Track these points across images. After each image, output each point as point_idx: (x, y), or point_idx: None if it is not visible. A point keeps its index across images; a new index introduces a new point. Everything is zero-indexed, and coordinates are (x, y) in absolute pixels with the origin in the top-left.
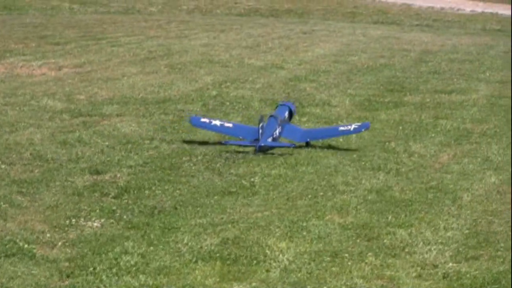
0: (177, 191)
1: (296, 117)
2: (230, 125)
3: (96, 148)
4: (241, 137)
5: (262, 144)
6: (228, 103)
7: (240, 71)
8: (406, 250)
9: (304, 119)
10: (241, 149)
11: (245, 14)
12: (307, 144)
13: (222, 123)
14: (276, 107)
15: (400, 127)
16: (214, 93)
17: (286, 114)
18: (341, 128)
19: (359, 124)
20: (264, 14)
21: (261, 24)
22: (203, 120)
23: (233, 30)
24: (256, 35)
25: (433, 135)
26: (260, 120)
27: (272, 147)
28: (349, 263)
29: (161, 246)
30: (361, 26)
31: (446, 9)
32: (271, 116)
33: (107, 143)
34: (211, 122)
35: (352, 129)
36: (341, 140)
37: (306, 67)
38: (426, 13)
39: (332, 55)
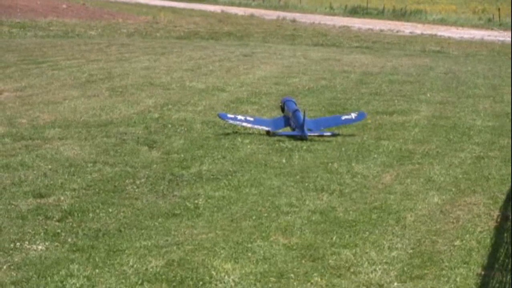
0: (121, 213)
1: (238, 139)
2: (252, 118)
3: (39, 171)
4: (265, 127)
5: (308, 134)
6: (170, 126)
7: (181, 93)
8: (351, 270)
9: (247, 141)
10: (183, 171)
11: (185, 37)
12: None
13: (245, 117)
14: (284, 103)
15: (343, 148)
16: (156, 115)
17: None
18: (344, 117)
19: (356, 113)
20: (204, 37)
21: (201, 47)
22: (229, 115)
23: (173, 53)
24: (197, 57)
25: (375, 156)
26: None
27: (315, 136)
28: (295, 284)
29: (107, 269)
30: (301, 48)
31: (386, 31)
32: (296, 110)
33: (50, 167)
34: (236, 117)
35: (353, 117)
36: (283, 160)
37: (247, 89)
38: (366, 35)
39: (273, 77)
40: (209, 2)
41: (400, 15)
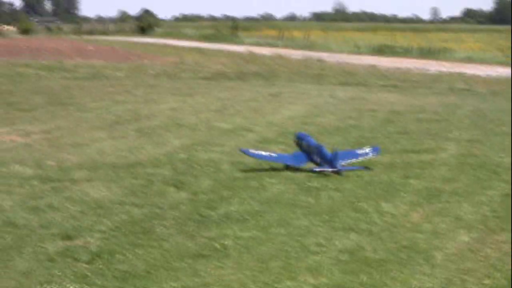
0: (149, 255)
1: (266, 179)
2: (275, 154)
3: (67, 213)
4: (288, 163)
5: (341, 169)
6: (197, 166)
7: (208, 134)
8: None
9: (274, 180)
10: (211, 212)
11: (211, 78)
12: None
13: (268, 153)
14: (301, 138)
15: (371, 187)
16: (183, 156)
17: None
18: (359, 151)
19: (371, 148)
20: (231, 78)
21: (228, 87)
22: (251, 151)
23: (200, 93)
24: (224, 98)
25: (403, 194)
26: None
27: (347, 170)
28: None
29: None
30: (328, 88)
31: (413, 69)
32: (320, 146)
33: (77, 208)
34: (259, 153)
35: (368, 152)
36: (311, 200)
37: (274, 129)
38: (393, 74)
39: (300, 116)
40: (236, 43)
41: (427, 53)
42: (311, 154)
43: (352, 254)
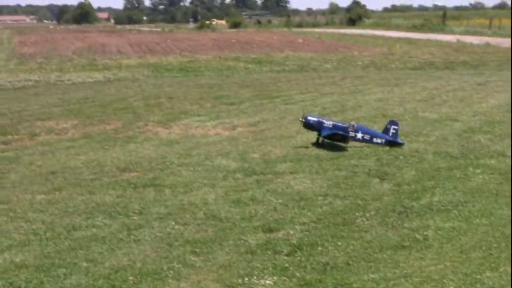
0: (350, 246)
1: (470, 169)
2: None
3: (269, 206)
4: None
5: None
6: (402, 157)
7: (414, 124)
8: None
9: (478, 170)
10: (414, 203)
11: (420, 68)
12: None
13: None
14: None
15: None
16: (387, 147)
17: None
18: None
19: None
20: (439, 67)
21: (435, 77)
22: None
23: (407, 84)
24: (431, 88)
25: None
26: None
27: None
28: None
29: None
30: None
31: None
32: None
33: (280, 201)
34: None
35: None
36: None
37: (480, 119)
38: None
39: (507, 105)
40: (445, 32)
41: None
42: (347, 131)
43: None
